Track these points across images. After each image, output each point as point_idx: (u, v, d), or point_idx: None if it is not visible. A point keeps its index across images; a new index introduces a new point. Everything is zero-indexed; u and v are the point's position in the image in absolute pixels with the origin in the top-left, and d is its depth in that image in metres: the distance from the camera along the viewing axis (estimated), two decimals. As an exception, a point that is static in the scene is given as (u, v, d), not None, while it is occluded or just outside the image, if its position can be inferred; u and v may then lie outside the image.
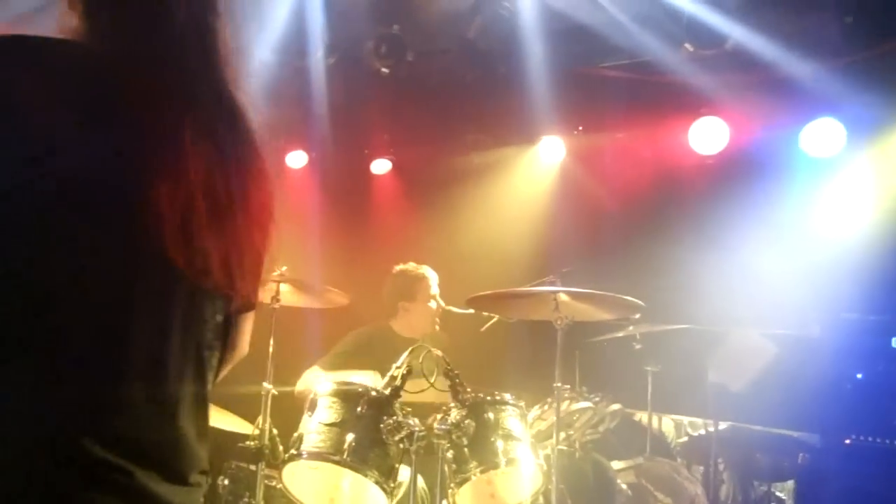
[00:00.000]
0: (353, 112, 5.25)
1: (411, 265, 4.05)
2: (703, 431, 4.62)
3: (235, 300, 1.20)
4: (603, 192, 4.52)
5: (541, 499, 2.90)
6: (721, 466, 4.43)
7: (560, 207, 4.64)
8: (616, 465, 3.43)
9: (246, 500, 2.90)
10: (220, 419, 3.25)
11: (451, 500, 2.71)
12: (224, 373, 1.31)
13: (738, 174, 4.30)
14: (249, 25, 4.19)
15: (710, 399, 4.22)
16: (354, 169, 5.66)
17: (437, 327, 3.91)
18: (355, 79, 4.97)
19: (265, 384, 2.93)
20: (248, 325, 1.32)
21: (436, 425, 2.69)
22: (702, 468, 4.45)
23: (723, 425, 4.20)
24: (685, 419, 4.71)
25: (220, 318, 1.21)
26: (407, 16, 4.65)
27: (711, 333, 4.19)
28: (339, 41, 4.62)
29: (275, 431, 2.98)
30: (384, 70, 4.80)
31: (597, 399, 3.25)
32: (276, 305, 2.99)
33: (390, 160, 5.60)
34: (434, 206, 5.14)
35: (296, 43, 4.47)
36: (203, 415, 1.19)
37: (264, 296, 3.02)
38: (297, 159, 5.51)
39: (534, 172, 4.84)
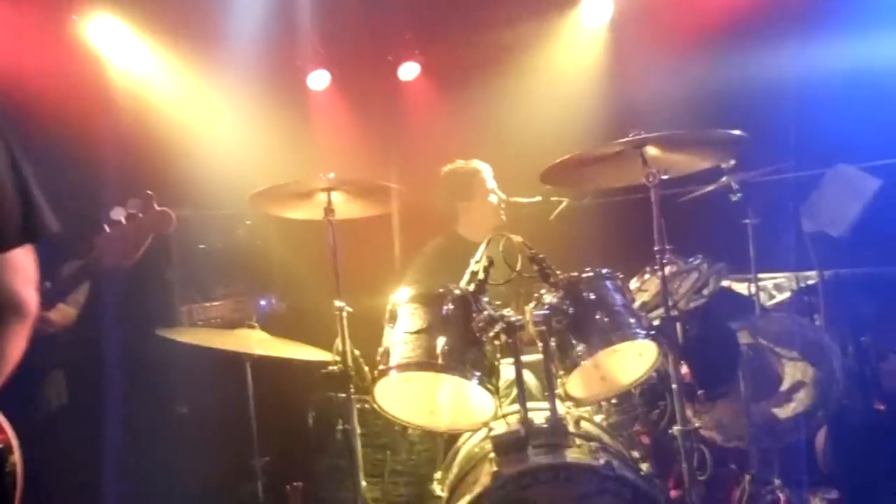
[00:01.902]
0: (372, 18, 4.83)
1: (459, 162, 3.77)
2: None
3: None
4: (663, 38, 4.02)
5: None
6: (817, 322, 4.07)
7: (616, 69, 4.19)
8: (729, 327, 3.11)
9: (341, 427, 2.69)
10: (294, 351, 3.05)
11: (562, 390, 2.45)
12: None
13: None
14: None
15: (809, 249, 3.87)
16: (381, 80, 5.28)
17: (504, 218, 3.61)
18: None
19: (337, 303, 2.67)
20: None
21: (534, 312, 2.41)
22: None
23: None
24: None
25: None
26: None
27: (803, 178, 3.79)
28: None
29: (356, 352, 2.75)
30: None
31: (697, 261, 2.92)
32: (332, 218, 2.70)
33: (418, 62, 5.20)
34: (474, 100, 4.73)
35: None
36: None
37: (316, 212, 2.74)
38: (319, 79, 5.15)
39: (578, 37, 4.38)
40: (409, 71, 5.22)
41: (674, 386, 2.45)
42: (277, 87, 4.90)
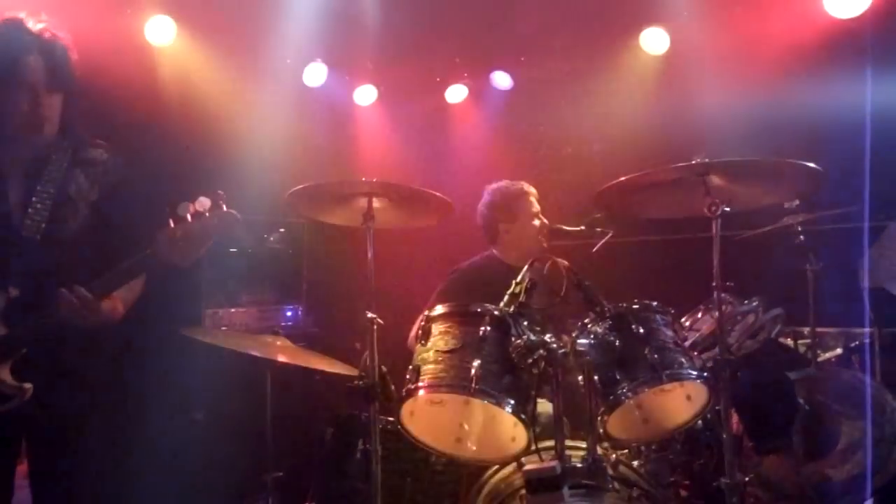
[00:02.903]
0: (423, 38, 4.76)
1: (506, 182, 3.64)
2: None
3: None
4: (723, 69, 3.86)
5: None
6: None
7: (673, 102, 4.04)
8: (783, 379, 2.91)
9: (361, 447, 2.53)
10: (319, 362, 2.91)
11: (602, 428, 2.27)
12: None
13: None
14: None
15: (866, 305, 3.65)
16: (428, 100, 5.21)
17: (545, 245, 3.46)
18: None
19: (369, 314, 2.52)
20: None
21: (577, 341, 2.25)
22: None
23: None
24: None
25: None
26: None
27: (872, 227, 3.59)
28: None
29: (384, 368, 2.59)
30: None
31: (754, 304, 2.74)
32: (371, 225, 2.56)
33: (466, 85, 5.13)
34: (522, 127, 4.63)
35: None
36: None
37: (355, 218, 2.61)
38: (366, 94, 5.10)
39: (633, 67, 4.26)
40: (456, 93, 5.16)
41: (724, 435, 2.26)
42: (324, 99, 4.86)
